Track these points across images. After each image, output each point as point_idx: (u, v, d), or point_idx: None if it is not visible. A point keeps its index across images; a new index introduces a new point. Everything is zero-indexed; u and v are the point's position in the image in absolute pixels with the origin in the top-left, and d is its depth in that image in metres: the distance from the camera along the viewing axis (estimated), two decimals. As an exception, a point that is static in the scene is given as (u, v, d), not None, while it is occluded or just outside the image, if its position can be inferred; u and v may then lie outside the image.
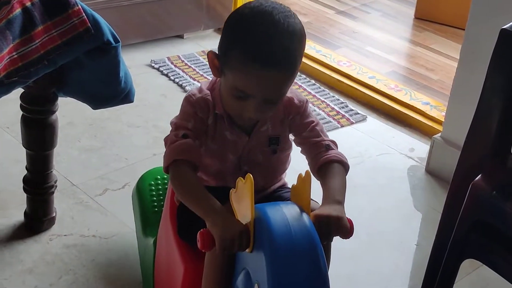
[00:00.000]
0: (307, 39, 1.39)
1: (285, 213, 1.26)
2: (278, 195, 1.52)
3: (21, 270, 1.80)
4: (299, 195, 1.28)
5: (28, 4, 1.56)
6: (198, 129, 1.41)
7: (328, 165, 1.41)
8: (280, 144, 1.47)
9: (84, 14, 1.60)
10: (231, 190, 1.27)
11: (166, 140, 1.43)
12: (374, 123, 2.69)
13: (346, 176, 1.42)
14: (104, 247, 1.91)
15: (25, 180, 1.88)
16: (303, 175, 1.26)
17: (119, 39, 1.65)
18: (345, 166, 1.42)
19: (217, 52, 1.38)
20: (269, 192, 1.53)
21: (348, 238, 1.32)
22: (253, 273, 1.27)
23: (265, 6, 1.32)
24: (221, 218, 1.26)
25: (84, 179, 2.17)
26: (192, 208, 1.33)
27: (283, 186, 1.56)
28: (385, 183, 2.36)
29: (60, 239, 1.92)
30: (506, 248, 1.27)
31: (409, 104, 2.72)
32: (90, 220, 2.00)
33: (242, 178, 1.24)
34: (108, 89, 1.74)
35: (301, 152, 1.49)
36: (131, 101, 1.81)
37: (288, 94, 1.46)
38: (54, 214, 1.95)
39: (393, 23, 3.66)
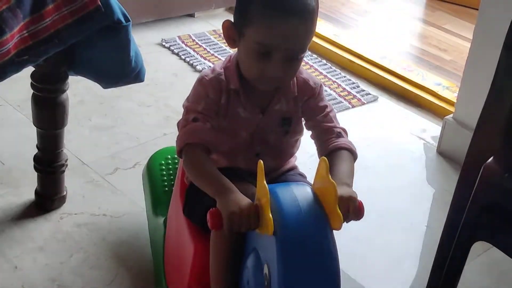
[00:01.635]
0: (318, 18, 1.39)
1: (296, 194, 1.25)
2: (288, 177, 1.52)
3: (32, 248, 1.81)
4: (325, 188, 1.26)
5: (39, -18, 1.55)
6: (209, 110, 1.41)
7: (337, 151, 1.41)
8: (292, 126, 1.47)
9: (94, -7, 1.59)
10: None
11: (178, 124, 1.44)
12: (385, 104, 2.68)
13: (356, 162, 1.42)
14: (115, 226, 1.91)
15: (36, 158, 1.89)
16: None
17: (129, 18, 1.64)
18: (353, 155, 1.43)
19: (232, 21, 1.39)
20: (279, 174, 1.52)
21: (359, 219, 1.31)
22: (263, 253, 1.27)
23: None
24: (230, 197, 1.26)
25: (95, 158, 2.18)
26: (204, 189, 1.33)
27: (294, 168, 1.55)
28: (396, 164, 2.35)
29: (71, 217, 1.92)
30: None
31: (421, 84, 2.70)
32: (100, 199, 2.01)
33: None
34: (118, 68, 1.73)
35: (311, 136, 1.48)
36: (141, 80, 1.81)
37: (304, 75, 1.47)
38: (64, 193, 1.95)
39: (405, 2, 3.63)
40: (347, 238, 1.51)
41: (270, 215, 1.19)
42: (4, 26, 1.49)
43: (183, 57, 2.80)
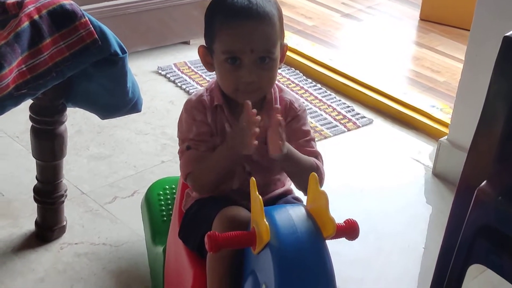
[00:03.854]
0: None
1: (291, 215, 1.29)
2: (284, 201, 1.54)
3: (33, 279, 1.82)
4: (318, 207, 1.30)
5: (36, 17, 1.58)
6: (202, 133, 1.47)
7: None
8: None
9: (91, 26, 1.62)
10: None
11: (178, 153, 1.52)
12: (380, 127, 2.70)
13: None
14: (115, 255, 1.93)
15: (36, 190, 1.90)
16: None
17: (126, 50, 1.67)
18: (321, 181, 1.47)
19: (204, 45, 1.49)
20: (273, 198, 1.54)
21: (354, 239, 1.33)
22: (260, 274, 1.30)
23: None
24: (228, 136, 1.42)
25: (94, 187, 2.20)
26: (217, 174, 1.44)
27: (289, 192, 1.58)
28: (392, 187, 2.37)
29: (71, 247, 1.94)
30: (512, 253, 1.29)
31: (415, 107, 2.73)
32: (100, 228, 2.03)
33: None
34: (115, 100, 1.76)
35: None
36: (138, 110, 1.83)
37: (289, 96, 1.54)
38: (64, 223, 1.97)
39: (399, 26, 3.67)
40: (344, 261, 1.53)
41: (265, 221, 1.23)
42: (2, 61, 1.52)
43: (179, 84, 2.83)
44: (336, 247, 1.40)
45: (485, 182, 1.34)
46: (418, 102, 2.76)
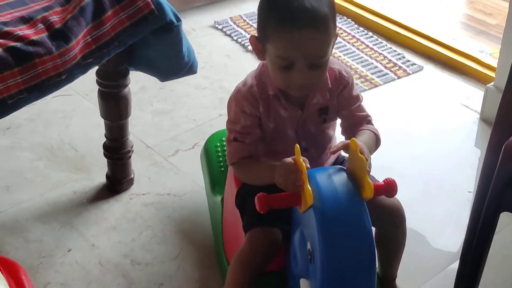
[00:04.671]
0: None
1: (331, 175, 1.38)
2: None
3: (106, 228, 2.01)
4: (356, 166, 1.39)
5: (97, -9, 1.72)
6: (248, 126, 1.54)
7: (364, 130, 1.54)
8: (329, 114, 1.59)
9: (148, -2, 1.75)
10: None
11: (225, 141, 1.60)
12: (430, 73, 2.77)
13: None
14: (178, 204, 2.10)
15: (105, 147, 2.08)
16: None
17: (180, 18, 1.80)
18: (378, 140, 1.55)
19: (256, 35, 1.51)
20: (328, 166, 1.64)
21: (392, 196, 1.45)
22: (306, 232, 1.42)
23: None
24: (277, 168, 1.40)
25: (157, 141, 2.36)
26: (259, 183, 1.49)
27: (339, 158, 1.67)
28: (440, 132, 2.46)
29: (139, 198, 2.12)
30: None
31: (464, 52, 2.78)
32: (164, 179, 2.19)
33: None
34: (172, 64, 1.90)
35: (341, 124, 1.61)
36: (194, 72, 1.97)
37: (336, 66, 1.58)
38: (132, 176, 2.15)
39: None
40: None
41: (309, 187, 1.33)
42: (69, 34, 1.66)
43: (235, 38, 2.95)
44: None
45: (513, 136, 1.43)
46: (468, 47, 2.81)
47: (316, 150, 1.61)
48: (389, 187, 1.43)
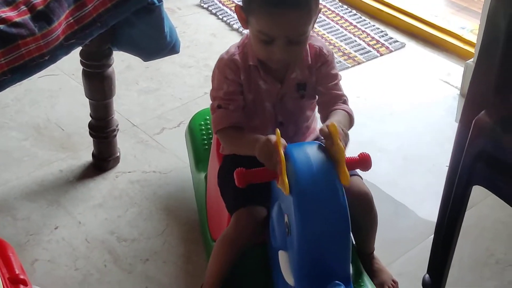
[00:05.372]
0: None
1: (308, 152, 1.43)
2: None
3: (92, 205, 2.05)
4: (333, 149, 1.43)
5: (79, -27, 1.75)
6: (230, 93, 1.58)
7: (338, 110, 1.58)
8: (307, 90, 1.63)
9: (129, -22, 1.78)
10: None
11: (210, 110, 1.63)
12: (412, 50, 2.82)
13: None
14: (164, 181, 2.14)
15: (90, 125, 2.12)
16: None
17: (161, -2, 1.84)
18: (351, 120, 1.59)
19: (241, 5, 1.55)
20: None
21: (367, 170, 1.49)
22: (283, 205, 1.47)
23: None
24: (258, 144, 1.44)
25: (144, 119, 2.40)
26: (242, 154, 1.53)
27: (318, 138, 1.69)
28: (420, 108, 2.51)
29: (125, 175, 2.16)
30: (505, 176, 1.43)
31: (446, 29, 2.82)
32: (150, 157, 2.24)
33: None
34: (155, 43, 1.93)
35: (317, 101, 1.65)
36: (177, 52, 2.01)
37: (317, 43, 1.62)
38: (118, 154, 2.19)
39: None
40: (374, 181, 1.68)
41: (286, 179, 1.37)
42: (51, 15, 1.69)
43: (221, 16, 2.98)
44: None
45: (483, 112, 1.48)
46: (449, 24, 2.85)
47: (293, 126, 1.65)
48: (364, 161, 1.48)
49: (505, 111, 1.48)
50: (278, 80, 1.61)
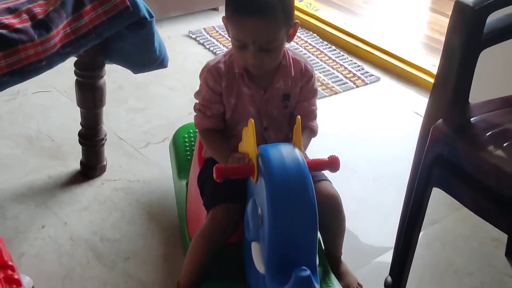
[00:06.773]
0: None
1: (282, 150, 1.55)
2: None
3: (78, 208, 2.16)
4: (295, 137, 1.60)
5: (78, -13, 1.89)
6: (208, 100, 1.73)
7: (308, 129, 1.75)
8: (290, 101, 1.75)
9: (124, -5, 1.93)
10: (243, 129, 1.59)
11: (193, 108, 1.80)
12: (386, 84, 2.99)
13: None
14: (147, 189, 2.26)
15: (80, 134, 2.24)
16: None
17: (153, 14, 1.98)
18: (315, 134, 1.79)
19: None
20: None
21: (336, 171, 1.63)
22: (258, 199, 1.58)
23: None
24: (231, 159, 1.61)
25: (130, 134, 2.53)
26: (215, 158, 1.70)
27: None
28: (393, 137, 2.65)
29: (110, 183, 2.27)
30: (459, 178, 1.58)
31: (418, 65, 3.00)
32: (135, 168, 2.36)
33: (246, 128, 1.56)
34: (145, 57, 2.07)
35: (295, 111, 1.77)
36: (165, 66, 2.15)
37: (301, 59, 1.76)
38: (105, 163, 2.31)
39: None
40: (344, 197, 1.82)
41: (255, 163, 1.53)
42: (51, 24, 1.82)
43: (207, 46, 3.15)
44: (338, 186, 1.75)
45: (440, 120, 1.63)
46: (422, 62, 3.03)
47: (275, 132, 1.76)
48: (332, 163, 1.61)
49: (460, 120, 1.64)
50: (262, 88, 1.73)
